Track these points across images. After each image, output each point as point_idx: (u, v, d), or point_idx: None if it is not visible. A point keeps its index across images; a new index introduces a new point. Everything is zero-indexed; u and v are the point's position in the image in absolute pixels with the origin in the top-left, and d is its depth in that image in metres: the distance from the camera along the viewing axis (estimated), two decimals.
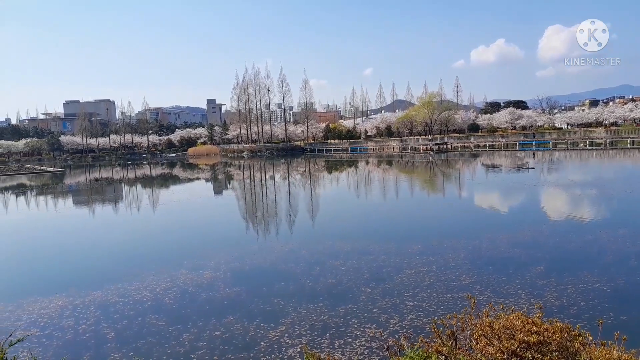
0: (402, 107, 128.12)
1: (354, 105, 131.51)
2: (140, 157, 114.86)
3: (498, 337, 3.54)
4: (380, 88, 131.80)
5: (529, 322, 3.68)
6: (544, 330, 3.58)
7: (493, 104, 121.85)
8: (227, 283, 10.84)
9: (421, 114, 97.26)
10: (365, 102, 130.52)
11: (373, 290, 9.75)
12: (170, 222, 21.86)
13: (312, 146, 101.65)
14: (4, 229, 22.06)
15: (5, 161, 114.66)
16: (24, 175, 61.98)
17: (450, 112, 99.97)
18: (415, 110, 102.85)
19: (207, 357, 7.13)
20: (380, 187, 33.33)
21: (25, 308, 9.73)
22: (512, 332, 3.56)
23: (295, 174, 50.48)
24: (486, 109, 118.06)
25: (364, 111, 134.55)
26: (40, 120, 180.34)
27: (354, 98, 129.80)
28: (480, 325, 3.69)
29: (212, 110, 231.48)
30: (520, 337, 3.48)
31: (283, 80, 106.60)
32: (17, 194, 40.28)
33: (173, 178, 52.71)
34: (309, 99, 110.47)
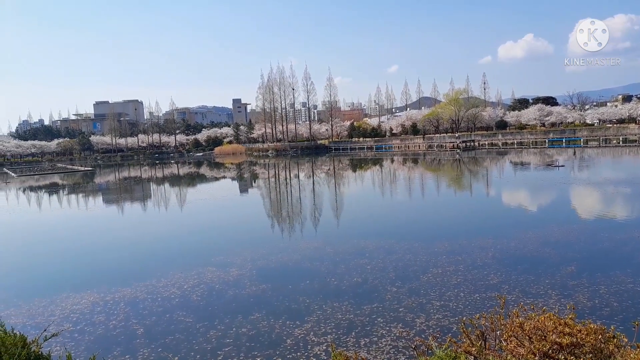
0: (428, 105, 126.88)
1: (379, 103, 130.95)
2: (168, 156, 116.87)
3: (529, 338, 3.46)
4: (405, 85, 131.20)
5: (562, 323, 3.58)
6: (577, 331, 3.47)
7: (521, 101, 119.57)
8: (253, 280, 10.91)
9: (447, 111, 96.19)
10: (390, 100, 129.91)
11: (399, 290, 9.67)
12: (197, 220, 22.15)
13: (337, 144, 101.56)
14: (38, 226, 22.71)
15: (39, 161, 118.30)
16: (56, 175, 63.77)
17: (478, 109, 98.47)
18: (441, 107, 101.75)
19: (233, 354, 7.19)
20: (406, 185, 33.06)
21: (58, 303, 9.99)
22: (543, 333, 3.47)
23: (320, 172, 50.53)
24: (514, 106, 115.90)
25: (389, 109, 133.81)
26: (72, 121, 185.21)
27: (379, 96, 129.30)
28: (511, 326, 3.61)
29: (237, 110, 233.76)
30: (552, 338, 3.39)
31: (307, 79, 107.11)
32: (50, 192, 41.45)
33: (200, 177, 53.42)
34: (334, 97, 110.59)
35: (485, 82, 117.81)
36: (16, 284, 12.27)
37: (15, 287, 11.79)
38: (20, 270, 13.78)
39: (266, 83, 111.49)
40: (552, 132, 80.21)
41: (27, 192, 42.12)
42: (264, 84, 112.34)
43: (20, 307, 9.83)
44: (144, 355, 7.28)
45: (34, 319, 9.10)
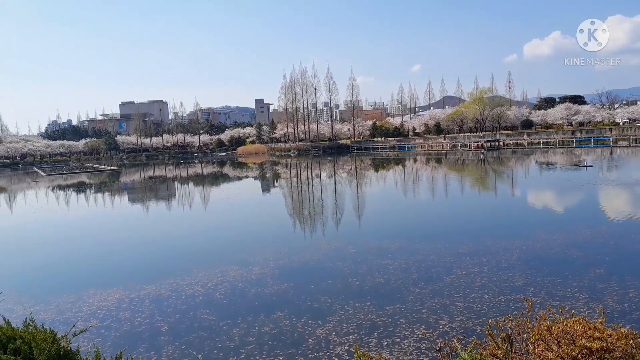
0: (452, 104, 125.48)
1: (402, 102, 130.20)
2: (192, 156, 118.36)
3: (557, 342, 3.37)
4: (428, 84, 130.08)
5: (591, 327, 3.48)
6: (607, 336, 3.38)
7: (547, 100, 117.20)
8: (275, 279, 10.95)
9: (472, 111, 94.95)
10: (413, 99, 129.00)
11: (422, 291, 9.58)
12: (220, 219, 22.36)
13: (359, 144, 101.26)
14: (66, 224, 23.26)
15: (67, 160, 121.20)
16: (83, 174, 65.24)
17: (502, 108, 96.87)
18: (465, 106, 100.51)
19: (256, 352, 7.22)
20: (429, 185, 32.75)
21: (86, 300, 10.20)
22: (572, 337, 3.38)
23: (341, 172, 50.46)
24: (540, 105, 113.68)
25: (411, 108, 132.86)
26: (98, 121, 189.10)
27: (401, 95, 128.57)
28: (538, 329, 3.53)
29: (260, 110, 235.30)
30: (581, 342, 3.30)
31: (330, 79, 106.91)
32: (78, 191, 42.41)
33: (223, 176, 53.94)
34: (356, 96, 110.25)
35: (510, 81, 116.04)
36: (45, 280, 12.59)
37: (45, 284, 12.10)
38: (49, 267, 14.13)
39: (288, 83, 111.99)
40: (580, 131, 78.27)
41: (56, 191, 43.17)
42: (286, 84, 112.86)
43: (49, 303, 10.07)
44: (168, 352, 7.38)
45: (63, 315, 9.31)
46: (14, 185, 55.05)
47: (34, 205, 32.36)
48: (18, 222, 24.77)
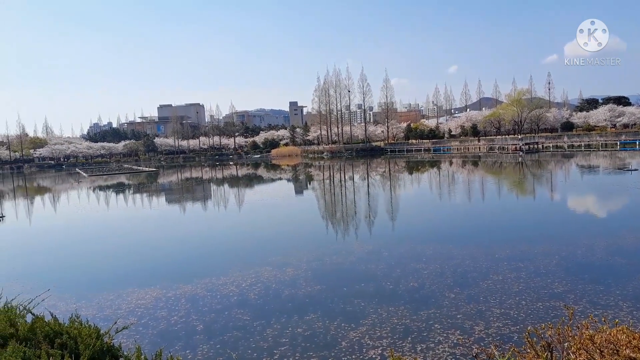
0: (489, 105, 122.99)
1: (437, 103, 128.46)
2: (227, 158, 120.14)
3: (600, 352, 3.26)
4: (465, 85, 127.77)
5: (636, 336, 3.35)
6: None
7: (589, 101, 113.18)
8: (309, 281, 10.99)
9: (509, 112, 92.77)
10: (449, 101, 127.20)
11: (457, 296, 9.42)
12: (254, 220, 22.60)
13: (393, 146, 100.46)
14: (106, 224, 24.00)
15: (107, 161, 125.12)
16: (123, 175, 67.17)
17: (542, 110, 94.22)
18: (503, 108, 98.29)
19: (289, 353, 7.26)
20: (465, 188, 32.18)
21: (125, 298, 10.50)
22: (616, 347, 3.26)
23: (375, 174, 50.19)
24: (582, 106, 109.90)
25: (447, 110, 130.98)
26: (137, 124, 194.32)
27: (437, 96, 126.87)
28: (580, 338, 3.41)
29: (294, 112, 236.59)
30: (625, 353, 3.18)
31: (363, 81, 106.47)
32: (117, 192, 43.71)
33: (257, 178, 54.53)
34: (390, 98, 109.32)
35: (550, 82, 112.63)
36: (87, 278, 13.03)
37: (86, 281, 12.52)
38: (90, 265, 14.61)
39: (322, 85, 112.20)
40: (625, 133, 75.26)
41: (97, 191, 44.63)
42: (320, 87, 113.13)
43: (90, 300, 10.42)
44: (203, 351, 7.51)
45: (103, 312, 9.61)
46: (57, 186, 57.22)
47: (76, 205, 33.56)
48: (61, 222, 25.74)
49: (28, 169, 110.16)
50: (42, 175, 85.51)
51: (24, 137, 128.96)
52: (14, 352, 3.37)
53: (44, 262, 15.26)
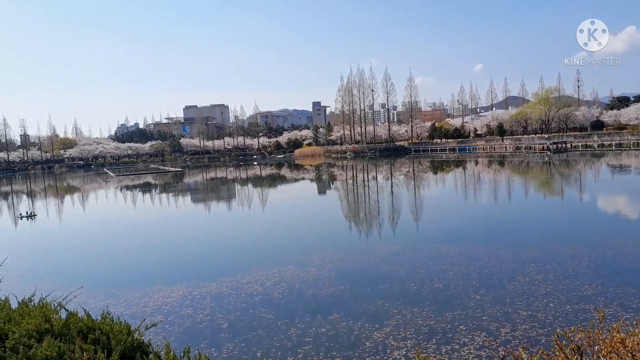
0: (515, 104, 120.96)
1: (462, 102, 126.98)
2: (251, 158, 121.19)
3: (632, 355, 3.18)
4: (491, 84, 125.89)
5: None
6: None
7: (621, 99, 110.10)
8: (332, 281, 11.01)
9: (537, 111, 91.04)
10: (474, 100, 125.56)
11: (483, 297, 9.30)
12: (278, 219, 22.75)
13: (417, 146, 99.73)
14: (133, 223, 24.50)
15: (134, 162, 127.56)
16: (149, 175, 68.39)
17: (570, 109, 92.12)
18: (530, 107, 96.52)
19: (313, 352, 7.30)
20: (491, 188, 31.72)
21: (151, 295, 10.70)
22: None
23: (399, 174, 49.88)
24: (612, 104, 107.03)
25: (473, 109, 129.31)
26: (163, 124, 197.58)
27: (462, 95, 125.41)
28: (611, 342, 3.34)
29: (317, 113, 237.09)
30: None
31: (387, 80, 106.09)
32: (144, 191, 44.54)
33: (280, 178, 54.83)
34: (414, 97, 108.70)
35: (579, 80, 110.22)
36: (115, 276, 13.31)
37: (114, 279, 12.79)
38: (118, 263, 14.94)
39: (345, 85, 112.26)
40: None
41: (124, 191, 45.56)
42: (343, 86, 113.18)
43: (118, 297, 10.65)
44: (228, 349, 7.60)
45: (130, 309, 9.80)
46: (86, 185, 58.63)
47: (105, 204, 34.34)
48: (90, 221, 26.36)
49: (58, 169, 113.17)
50: (71, 175, 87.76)
51: (55, 138, 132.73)
52: (50, 346, 3.48)
53: (74, 260, 15.66)
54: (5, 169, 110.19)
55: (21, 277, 12.52)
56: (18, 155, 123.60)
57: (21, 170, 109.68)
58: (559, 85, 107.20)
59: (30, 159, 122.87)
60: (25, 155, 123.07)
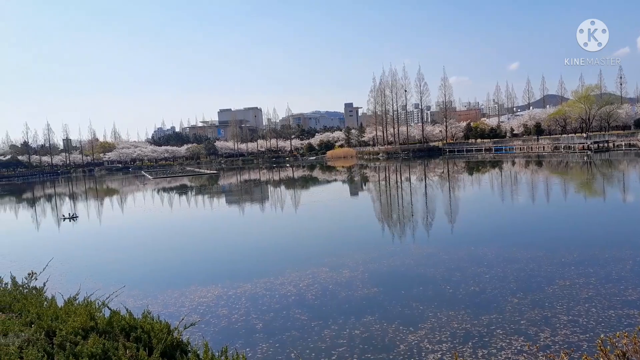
0: (554, 103, 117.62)
1: (498, 102, 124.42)
2: (284, 160, 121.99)
3: None
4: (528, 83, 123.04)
5: None
6: None
7: None
8: (365, 283, 10.97)
9: (576, 110, 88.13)
10: (510, 99, 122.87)
11: (520, 301, 9.09)
12: (310, 221, 22.84)
13: (451, 146, 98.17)
14: (169, 224, 25.06)
15: (171, 164, 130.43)
16: (185, 177, 69.78)
17: (612, 107, 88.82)
18: (569, 105, 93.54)
19: (347, 354, 7.29)
20: (529, 189, 30.92)
21: (188, 295, 10.92)
22: None
23: (433, 175, 49.25)
24: None
25: (509, 108, 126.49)
26: (199, 128, 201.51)
27: (498, 94, 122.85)
28: None
29: (349, 114, 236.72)
30: None
31: (421, 80, 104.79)
32: (180, 193, 45.50)
33: (313, 179, 55.01)
34: (448, 97, 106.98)
35: (621, 77, 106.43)
36: (152, 275, 13.67)
37: (151, 279, 13.13)
38: (156, 264, 15.33)
39: (378, 86, 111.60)
40: None
41: (161, 193, 46.68)
42: (375, 87, 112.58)
43: (155, 297, 10.92)
44: (262, 350, 7.69)
45: (168, 309, 10.04)
46: (125, 188, 60.36)
47: (142, 206, 35.26)
48: (128, 222, 27.14)
49: (98, 171, 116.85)
50: (110, 177, 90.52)
51: (95, 142, 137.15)
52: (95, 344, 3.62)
53: (114, 260, 16.15)
54: (49, 172, 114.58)
55: (65, 276, 12.99)
56: (61, 158, 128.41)
57: (64, 173, 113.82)
58: (600, 82, 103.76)
59: (72, 162, 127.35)
60: (67, 159, 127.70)
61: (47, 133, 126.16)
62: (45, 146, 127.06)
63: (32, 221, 30.56)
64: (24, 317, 4.91)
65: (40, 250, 18.47)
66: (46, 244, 20.48)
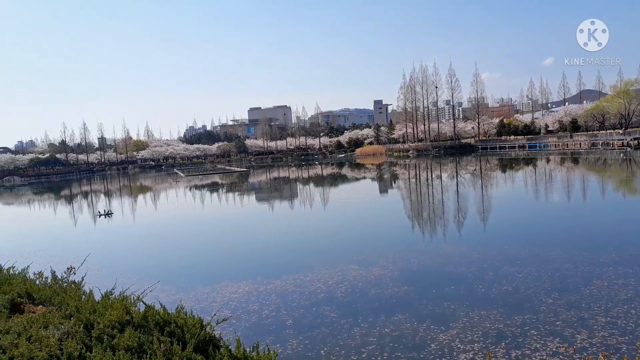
0: (591, 98, 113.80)
1: (532, 97, 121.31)
2: (313, 157, 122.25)
3: None
4: (563, 78, 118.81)
5: None
6: None
7: None
8: (395, 282, 10.90)
9: (615, 105, 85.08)
10: (545, 94, 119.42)
11: (555, 301, 8.86)
12: (339, 218, 22.81)
13: (484, 143, 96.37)
14: (201, 221, 25.48)
15: (202, 162, 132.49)
16: (216, 175, 70.81)
17: None
18: (607, 100, 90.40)
19: (377, 352, 7.27)
20: (564, 186, 30.09)
21: (219, 291, 11.09)
22: None
23: (464, 172, 48.48)
24: None
25: (543, 104, 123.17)
26: (229, 126, 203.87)
27: (532, 90, 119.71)
28: None
29: (378, 111, 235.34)
30: None
31: (452, 76, 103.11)
32: (211, 191, 46.19)
33: (342, 177, 54.94)
34: (480, 93, 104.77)
35: None
36: (184, 272, 13.93)
37: (184, 275, 13.38)
38: (188, 259, 15.61)
39: (408, 82, 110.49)
40: None
41: (193, 190, 47.49)
42: (405, 84, 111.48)
43: (188, 293, 11.12)
44: (293, 346, 7.74)
45: (199, 304, 10.20)
46: (158, 185, 61.69)
47: (175, 203, 35.97)
48: (161, 218, 27.73)
49: (132, 169, 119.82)
50: (144, 175, 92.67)
51: (129, 141, 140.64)
52: (131, 337, 3.72)
53: (148, 256, 16.56)
54: (85, 170, 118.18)
55: (102, 271, 13.37)
56: (96, 157, 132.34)
57: (99, 171, 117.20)
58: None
59: (107, 161, 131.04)
60: (102, 157, 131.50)
61: (83, 132, 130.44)
62: (81, 145, 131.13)
63: (70, 217, 31.59)
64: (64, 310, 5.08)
65: (78, 245, 19.07)
66: (83, 240, 21.14)
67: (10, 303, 5.40)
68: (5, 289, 5.95)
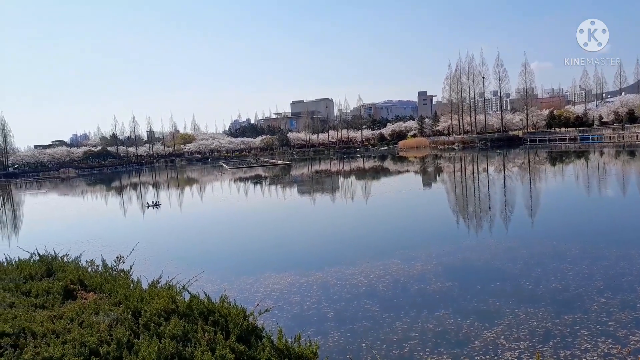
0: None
1: (585, 88, 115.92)
2: (355, 150, 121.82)
3: None
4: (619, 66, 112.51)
5: None
6: None
7: None
8: (439, 277, 10.73)
9: None
10: (599, 84, 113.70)
11: (608, 301, 8.48)
12: (382, 212, 22.66)
13: (532, 135, 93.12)
14: (245, 212, 25.92)
15: (246, 155, 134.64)
16: (260, 167, 71.77)
17: None
18: None
19: (419, 347, 7.19)
20: (619, 181, 28.68)
21: (262, 282, 11.26)
22: None
23: (512, 166, 47.03)
24: None
25: (597, 94, 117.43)
26: (272, 119, 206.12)
27: (585, 80, 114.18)
28: None
29: (422, 103, 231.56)
30: None
31: (499, 66, 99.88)
32: (255, 183, 46.89)
33: (384, 170, 54.49)
34: (529, 84, 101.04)
35: None
36: (228, 262, 14.22)
37: (228, 265, 13.65)
38: (232, 250, 15.95)
39: (453, 73, 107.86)
40: None
41: (237, 182, 48.36)
42: (451, 74, 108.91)
43: (232, 283, 11.35)
44: (334, 338, 7.76)
45: (243, 294, 10.39)
46: (204, 177, 63.19)
47: (220, 194, 36.78)
48: (207, 210, 28.42)
49: (179, 162, 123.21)
50: (190, 167, 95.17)
51: (176, 134, 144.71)
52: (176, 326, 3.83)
53: (193, 246, 17.00)
54: (134, 163, 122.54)
55: (149, 260, 13.84)
56: (145, 149, 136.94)
57: (147, 164, 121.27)
58: None
59: (155, 153, 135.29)
60: (151, 150, 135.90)
61: (132, 125, 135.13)
62: (131, 138, 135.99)
63: (120, 208, 32.89)
64: (113, 298, 5.30)
65: (127, 235, 19.82)
66: (132, 230, 21.95)
67: (64, 289, 5.67)
68: (59, 275, 6.26)
